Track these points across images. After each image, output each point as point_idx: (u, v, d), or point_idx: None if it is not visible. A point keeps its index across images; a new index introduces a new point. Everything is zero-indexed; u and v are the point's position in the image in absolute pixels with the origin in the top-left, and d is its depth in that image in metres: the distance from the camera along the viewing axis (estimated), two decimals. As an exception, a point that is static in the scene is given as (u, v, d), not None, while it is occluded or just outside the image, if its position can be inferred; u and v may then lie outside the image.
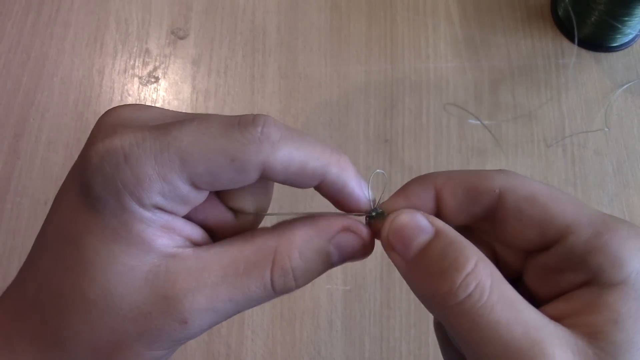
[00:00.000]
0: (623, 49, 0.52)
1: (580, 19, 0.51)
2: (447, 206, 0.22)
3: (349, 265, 0.44)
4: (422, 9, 0.54)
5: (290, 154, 0.20)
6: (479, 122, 0.49)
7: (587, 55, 0.52)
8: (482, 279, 0.18)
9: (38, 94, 0.50)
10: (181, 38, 0.53)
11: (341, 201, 0.23)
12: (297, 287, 0.21)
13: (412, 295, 0.44)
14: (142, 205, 0.19)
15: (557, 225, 0.20)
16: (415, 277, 0.21)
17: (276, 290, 0.21)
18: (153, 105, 0.51)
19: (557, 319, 0.19)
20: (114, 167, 0.19)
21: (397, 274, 0.45)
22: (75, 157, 0.21)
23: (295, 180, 0.21)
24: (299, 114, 0.50)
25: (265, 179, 0.21)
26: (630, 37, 0.52)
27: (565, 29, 0.53)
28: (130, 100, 0.51)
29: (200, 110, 0.50)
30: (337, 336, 0.43)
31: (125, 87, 0.51)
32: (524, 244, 0.21)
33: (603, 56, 0.52)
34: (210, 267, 0.20)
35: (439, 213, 0.23)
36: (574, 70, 0.52)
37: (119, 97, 0.51)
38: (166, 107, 0.51)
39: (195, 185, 0.20)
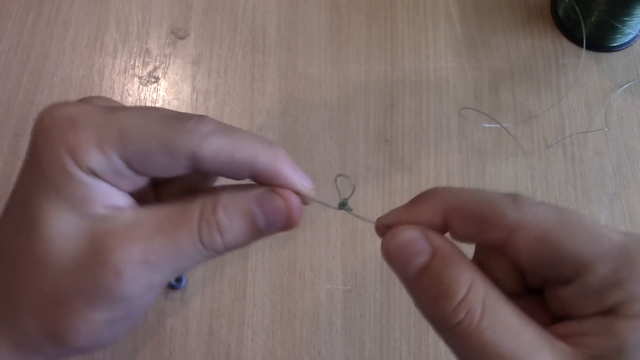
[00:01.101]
0: (623, 49, 0.52)
1: (580, 19, 0.51)
2: (454, 230, 0.22)
3: (349, 265, 0.45)
4: (422, 9, 0.54)
5: (217, 144, 0.21)
6: (497, 125, 0.49)
7: (587, 55, 0.52)
8: (473, 306, 0.19)
9: (38, 94, 0.50)
10: (181, 38, 0.53)
11: (280, 185, 0.23)
12: (225, 244, 0.22)
13: (412, 295, 0.44)
14: (82, 168, 0.21)
15: (573, 264, 0.20)
16: (414, 295, 0.22)
17: (204, 244, 0.21)
18: (153, 105, 0.51)
19: (564, 336, 0.19)
20: (61, 130, 0.21)
21: (397, 274, 0.45)
22: None
23: (226, 171, 0.22)
24: (299, 114, 0.50)
25: (198, 170, 0.22)
26: (630, 37, 0.52)
27: (565, 29, 0.53)
28: (130, 100, 0.51)
29: (201, 110, 0.50)
30: (337, 336, 0.43)
31: (125, 87, 0.51)
32: (538, 276, 0.21)
33: (603, 56, 0.52)
34: (145, 222, 0.21)
35: (445, 229, 0.23)
36: (574, 70, 0.52)
37: (119, 97, 0.51)
38: (166, 107, 0.51)
39: (130, 165, 0.21)
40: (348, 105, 0.50)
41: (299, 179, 0.23)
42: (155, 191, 0.25)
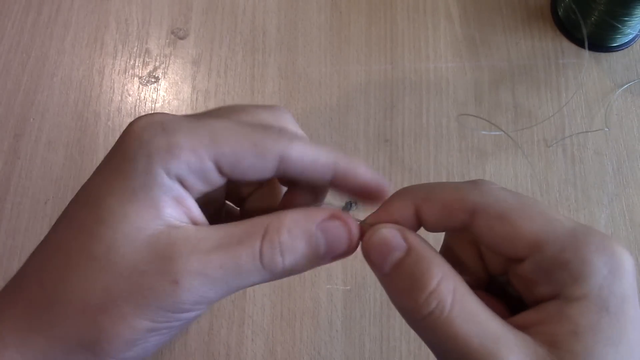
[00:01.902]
0: (623, 49, 0.52)
1: (580, 19, 0.51)
2: (426, 221, 0.24)
3: (349, 265, 0.45)
4: (422, 9, 0.54)
5: (304, 147, 0.23)
6: (498, 133, 0.49)
7: (587, 55, 0.52)
8: (443, 297, 0.20)
9: (38, 94, 0.50)
10: (181, 38, 0.53)
11: (359, 187, 0.24)
12: (284, 265, 0.22)
13: (412, 295, 0.44)
14: (168, 172, 0.21)
15: (526, 242, 0.21)
16: (390, 290, 0.23)
17: (264, 263, 0.22)
18: (153, 104, 0.51)
19: (524, 327, 0.21)
20: (152, 135, 0.21)
21: (397, 274, 0.45)
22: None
23: (309, 172, 0.23)
24: (299, 114, 0.50)
25: (282, 173, 0.23)
26: (630, 37, 0.52)
27: (565, 29, 0.53)
28: (130, 100, 0.51)
29: (200, 110, 0.50)
30: (337, 336, 0.43)
31: (126, 87, 0.51)
32: (500, 254, 0.23)
33: (603, 56, 0.52)
34: (207, 237, 0.21)
35: (419, 224, 0.24)
36: (574, 70, 0.52)
37: (119, 97, 0.51)
38: (166, 107, 0.51)
39: (219, 166, 0.22)
40: (348, 105, 0.50)
41: (377, 177, 0.24)
42: (226, 214, 0.26)
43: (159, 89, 0.51)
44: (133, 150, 0.21)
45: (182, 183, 0.22)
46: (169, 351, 0.42)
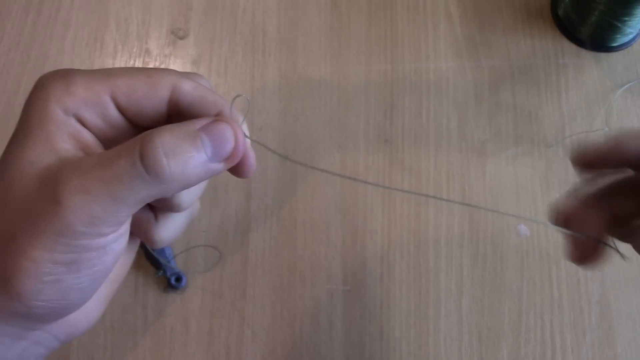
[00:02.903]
0: (623, 49, 0.52)
1: (580, 19, 0.51)
2: None
3: (349, 265, 0.45)
4: (422, 9, 0.54)
5: (195, 83, 0.24)
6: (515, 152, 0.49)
7: (587, 55, 0.52)
8: None
9: (38, 94, 0.50)
10: (181, 38, 0.53)
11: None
12: (170, 168, 0.21)
13: (412, 295, 0.45)
14: (65, 110, 0.22)
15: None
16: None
17: (146, 166, 0.21)
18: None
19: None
20: (51, 80, 0.23)
21: (397, 274, 0.45)
22: None
23: (198, 106, 0.24)
24: (299, 114, 0.50)
25: (174, 107, 0.24)
26: (631, 37, 0.52)
27: (565, 29, 0.53)
28: (130, 100, 0.51)
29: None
30: (337, 336, 0.43)
31: (125, 87, 0.51)
32: None
33: (603, 56, 0.52)
34: (90, 158, 0.22)
35: None
36: (574, 70, 0.52)
37: (119, 97, 0.51)
38: (166, 107, 0.51)
39: (115, 100, 0.23)
40: (348, 105, 0.50)
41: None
42: None
43: (159, 89, 0.51)
44: (33, 95, 0.23)
45: (80, 120, 0.23)
46: (169, 351, 0.42)
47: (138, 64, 0.52)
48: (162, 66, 0.52)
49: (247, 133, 0.25)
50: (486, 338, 0.43)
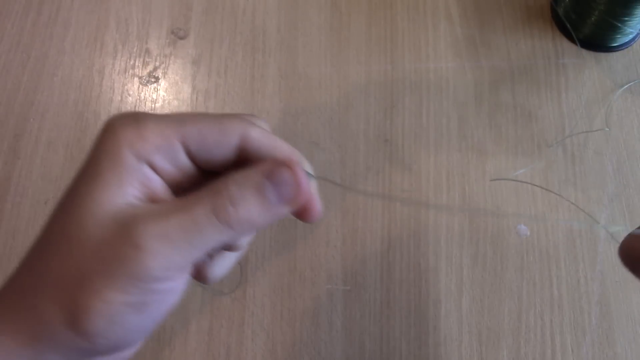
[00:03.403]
0: (623, 49, 0.52)
1: (580, 19, 0.51)
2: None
3: (348, 265, 0.45)
4: (422, 9, 0.54)
5: (264, 131, 0.25)
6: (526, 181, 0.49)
7: (587, 55, 0.52)
8: None
9: (38, 94, 0.50)
10: (181, 38, 0.53)
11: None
12: (239, 217, 0.23)
13: (412, 295, 0.45)
14: (137, 155, 0.23)
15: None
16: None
17: (218, 217, 0.22)
18: (153, 104, 0.51)
19: None
20: (123, 124, 0.23)
21: (397, 274, 0.45)
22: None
23: (266, 154, 0.25)
24: (299, 114, 0.50)
25: (244, 155, 0.25)
26: (631, 37, 0.52)
27: (565, 29, 0.53)
28: (130, 100, 0.51)
29: (200, 109, 0.50)
30: (337, 336, 0.43)
31: (125, 87, 0.51)
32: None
33: (603, 56, 0.52)
34: (166, 206, 0.23)
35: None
36: (574, 70, 0.52)
37: (119, 97, 0.51)
38: (166, 107, 0.51)
39: (186, 146, 0.24)
40: (348, 105, 0.50)
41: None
42: None
43: (159, 89, 0.51)
44: (104, 137, 0.23)
45: (151, 166, 0.23)
46: (169, 351, 0.42)
47: (138, 64, 0.52)
48: (162, 66, 0.52)
49: (312, 173, 0.26)
50: (486, 338, 0.43)
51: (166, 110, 0.50)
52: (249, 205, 0.23)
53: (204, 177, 0.25)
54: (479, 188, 0.47)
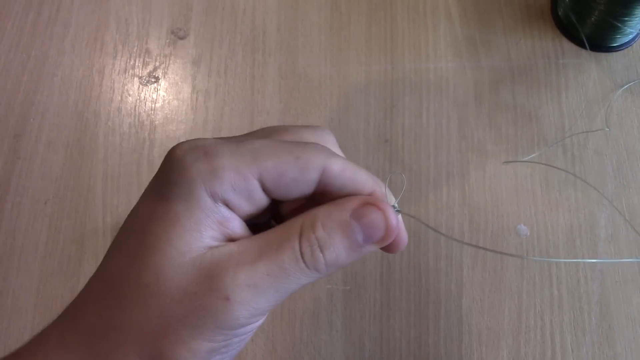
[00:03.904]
0: (623, 49, 0.52)
1: (580, 19, 0.51)
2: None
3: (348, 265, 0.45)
4: (422, 9, 0.54)
5: (345, 162, 0.23)
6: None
7: (587, 55, 0.52)
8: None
9: (38, 94, 0.50)
10: (181, 38, 0.53)
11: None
12: (327, 261, 0.22)
13: (412, 295, 0.45)
14: (212, 195, 0.21)
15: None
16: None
17: (306, 262, 0.22)
18: (153, 104, 0.51)
19: None
20: (194, 159, 0.21)
21: (397, 274, 0.45)
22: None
23: (349, 189, 0.23)
24: (299, 114, 0.50)
25: (323, 187, 0.23)
26: (631, 37, 0.52)
27: (565, 29, 0.53)
28: (130, 100, 0.51)
29: (200, 110, 0.50)
30: (337, 336, 0.43)
31: (126, 87, 0.51)
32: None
33: (603, 56, 0.52)
34: (248, 249, 0.22)
35: None
36: (574, 70, 0.52)
37: (119, 97, 0.51)
38: (166, 107, 0.51)
39: (263, 183, 0.22)
40: (348, 105, 0.50)
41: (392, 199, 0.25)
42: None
43: (159, 89, 0.51)
44: (176, 175, 0.21)
45: (227, 204, 0.22)
46: (169, 351, 0.42)
47: (138, 64, 0.52)
48: (162, 66, 0.52)
49: (397, 206, 0.25)
50: (486, 338, 0.43)
51: (166, 111, 0.50)
52: (337, 248, 0.22)
53: (277, 204, 0.24)
54: (479, 188, 0.47)
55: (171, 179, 0.21)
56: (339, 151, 0.26)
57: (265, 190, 0.22)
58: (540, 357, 0.42)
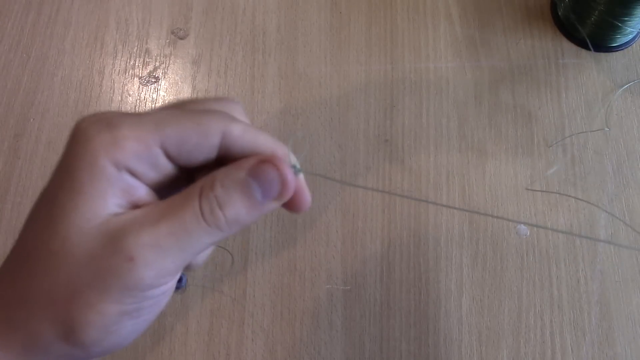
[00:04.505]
0: (623, 49, 0.52)
1: (580, 19, 0.51)
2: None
3: (348, 265, 0.45)
4: (422, 9, 0.54)
5: (245, 126, 0.24)
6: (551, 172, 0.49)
7: (587, 55, 0.52)
8: None
9: (38, 94, 0.50)
10: (181, 38, 0.53)
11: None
12: (227, 218, 0.23)
13: (412, 295, 0.45)
14: (117, 165, 0.22)
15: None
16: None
17: (207, 220, 0.22)
18: (153, 104, 0.51)
19: None
20: (97, 130, 0.22)
21: (397, 274, 0.45)
22: None
23: (248, 149, 0.24)
24: (299, 114, 0.50)
25: (224, 152, 0.24)
26: (631, 37, 0.52)
27: (565, 29, 0.53)
28: (130, 100, 0.51)
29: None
30: (337, 336, 0.43)
31: (126, 87, 0.51)
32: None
33: (603, 56, 0.52)
34: (152, 212, 0.22)
35: None
36: (574, 70, 0.52)
37: (119, 97, 0.51)
38: (166, 107, 0.51)
39: (166, 150, 0.23)
40: (348, 105, 0.50)
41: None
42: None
43: (159, 89, 0.51)
44: (80, 146, 0.22)
45: (132, 173, 0.22)
46: (169, 351, 0.42)
47: (138, 64, 0.52)
48: (162, 66, 0.52)
49: (298, 166, 0.25)
50: (486, 338, 0.43)
51: (166, 110, 0.50)
52: (236, 206, 0.23)
53: (186, 174, 0.25)
54: (479, 188, 0.47)
55: (76, 150, 0.22)
56: (246, 120, 0.26)
57: (169, 157, 0.23)
58: (540, 357, 0.42)
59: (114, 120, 0.22)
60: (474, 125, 0.50)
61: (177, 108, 0.25)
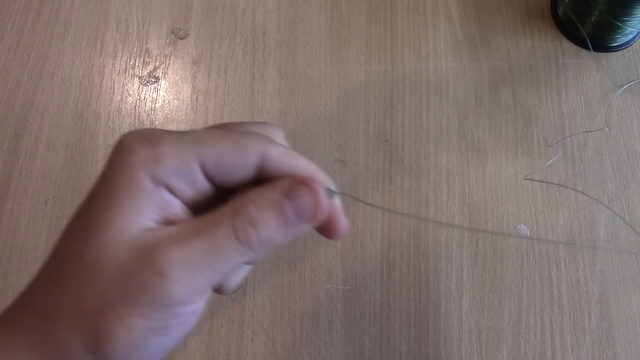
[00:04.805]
0: (623, 49, 0.52)
1: (580, 19, 0.51)
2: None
3: (348, 265, 0.45)
4: (422, 9, 0.54)
5: (284, 149, 0.24)
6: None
7: (587, 55, 0.52)
8: None
9: (38, 94, 0.50)
10: (181, 38, 0.53)
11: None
12: (259, 238, 0.23)
13: (412, 295, 0.45)
14: (155, 181, 0.22)
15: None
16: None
17: (239, 239, 0.22)
18: (153, 104, 0.51)
19: None
20: (139, 146, 0.22)
21: (397, 274, 0.45)
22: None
23: (288, 172, 0.24)
24: (299, 114, 0.50)
25: (262, 173, 0.24)
26: (631, 36, 0.52)
27: (565, 29, 0.53)
28: (130, 100, 0.51)
29: (200, 110, 0.50)
30: (337, 336, 0.43)
31: (126, 87, 0.51)
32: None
33: (603, 56, 0.52)
34: (185, 229, 0.22)
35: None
36: (574, 70, 0.52)
37: (119, 97, 0.51)
38: (166, 107, 0.51)
39: (204, 168, 0.23)
40: (348, 105, 0.50)
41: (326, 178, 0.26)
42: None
43: (159, 89, 0.51)
44: (120, 161, 0.22)
45: (169, 189, 0.23)
46: (169, 351, 0.42)
47: (138, 64, 0.52)
48: (162, 66, 0.52)
49: (335, 189, 0.26)
50: (486, 338, 0.43)
51: (166, 111, 0.50)
52: (269, 226, 0.23)
53: (223, 194, 0.25)
54: (479, 188, 0.47)
55: (116, 164, 0.23)
56: (286, 144, 0.26)
57: (207, 175, 0.23)
58: (540, 357, 0.42)
59: (155, 136, 0.23)
60: (474, 125, 0.50)
61: (219, 128, 0.25)
